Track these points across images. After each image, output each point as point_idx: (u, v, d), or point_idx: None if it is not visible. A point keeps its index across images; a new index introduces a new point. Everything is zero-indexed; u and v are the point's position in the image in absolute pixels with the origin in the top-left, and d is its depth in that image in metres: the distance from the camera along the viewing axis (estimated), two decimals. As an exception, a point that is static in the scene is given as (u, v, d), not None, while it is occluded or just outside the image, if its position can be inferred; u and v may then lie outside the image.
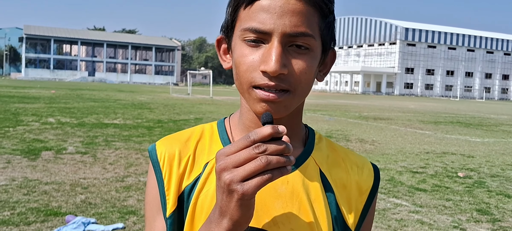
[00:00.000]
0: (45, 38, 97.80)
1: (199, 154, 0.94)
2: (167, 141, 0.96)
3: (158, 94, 40.31)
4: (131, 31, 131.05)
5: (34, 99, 24.24)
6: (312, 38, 0.81)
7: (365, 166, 0.99)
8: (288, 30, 0.79)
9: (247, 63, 0.81)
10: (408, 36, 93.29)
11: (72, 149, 9.25)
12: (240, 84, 0.84)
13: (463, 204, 6.42)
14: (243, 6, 0.82)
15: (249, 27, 0.80)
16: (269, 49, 0.79)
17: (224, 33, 0.90)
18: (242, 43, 0.82)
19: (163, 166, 0.93)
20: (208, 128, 0.98)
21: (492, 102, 68.21)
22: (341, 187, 0.95)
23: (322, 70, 0.91)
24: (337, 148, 1.00)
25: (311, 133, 0.99)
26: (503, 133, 17.43)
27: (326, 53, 0.88)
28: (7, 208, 5.24)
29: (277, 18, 0.79)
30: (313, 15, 0.81)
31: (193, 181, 0.91)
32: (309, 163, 0.93)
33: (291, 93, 0.82)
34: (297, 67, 0.81)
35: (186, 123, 15.21)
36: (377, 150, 11.04)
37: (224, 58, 0.93)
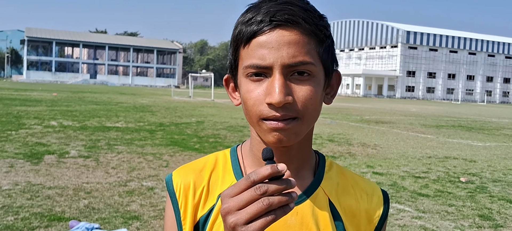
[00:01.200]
0: (47, 40, 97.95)
1: (213, 184, 0.96)
2: (183, 171, 0.99)
3: (160, 97, 40.34)
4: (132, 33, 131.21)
5: (36, 102, 24.28)
6: (312, 65, 0.84)
7: (375, 193, 1.01)
8: (287, 61, 0.82)
9: (253, 98, 0.85)
10: (409, 39, 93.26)
11: (74, 152, 9.27)
12: (250, 118, 0.88)
13: (465, 209, 6.42)
14: (242, 45, 0.86)
15: (250, 64, 0.84)
16: (272, 82, 0.82)
17: (230, 72, 0.94)
18: (246, 79, 0.86)
19: (179, 197, 0.96)
20: (221, 157, 1.01)
21: (493, 106, 68.14)
22: (351, 215, 0.96)
23: (329, 93, 0.94)
24: (347, 175, 1.02)
25: (321, 160, 1.01)
26: (505, 137, 17.42)
27: (329, 76, 0.91)
28: (11, 213, 5.25)
29: (275, 52, 0.82)
30: (309, 43, 0.84)
31: (207, 211, 0.94)
32: (319, 193, 0.95)
33: (299, 120, 0.84)
34: (301, 94, 0.83)
35: (188, 126, 15.23)
36: (379, 154, 11.04)
37: (233, 95, 0.96)
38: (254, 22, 0.84)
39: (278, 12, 0.83)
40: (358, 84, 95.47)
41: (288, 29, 0.83)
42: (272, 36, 0.83)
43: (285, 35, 0.83)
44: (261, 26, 0.83)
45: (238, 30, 0.87)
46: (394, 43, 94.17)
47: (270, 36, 0.83)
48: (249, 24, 0.85)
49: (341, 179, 1.00)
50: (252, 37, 0.84)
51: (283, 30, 0.83)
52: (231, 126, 16.24)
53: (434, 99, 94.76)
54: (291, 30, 0.83)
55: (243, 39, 0.85)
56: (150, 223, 5.17)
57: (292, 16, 0.83)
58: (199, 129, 14.78)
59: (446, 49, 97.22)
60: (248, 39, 0.84)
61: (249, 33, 0.84)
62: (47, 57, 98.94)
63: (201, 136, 12.94)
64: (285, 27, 0.83)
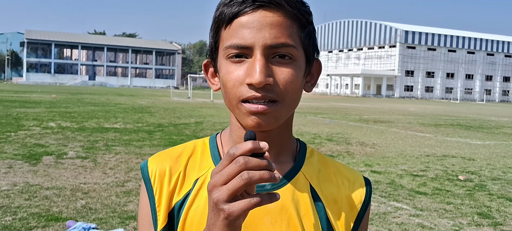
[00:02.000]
0: (46, 42, 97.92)
1: (190, 170, 0.95)
2: (159, 157, 0.98)
3: (159, 98, 40.32)
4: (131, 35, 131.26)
5: (35, 104, 24.27)
6: (294, 48, 0.83)
7: (357, 181, 0.99)
8: (269, 42, 0.81)
9: (233, 79, 0.83)
10: (408, 39, 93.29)
11: (72, 153, 9.26)
12: (229, 101, 0.86)
13: (464, 207, 6.42)
14: (224, 26, 0.85)
15: (230, 44, 0.83)
16: (252, 63, 0.81)
17: (209, 56, 0.93)
18: (227, 61, 0.85)
19: (154, 183, 0.94)
20: (200, 144, 0.99)
21: (492, 105, 68.16)
22: (332, 202, 0.95)
23: (309, 81, 0.93)
24: (329, 162, 1.00)
25: (302, 147, 1.00)
26: (504, 135, 17.42)
27: (310, 63, 0.90)
28: (9, 213, 5.25)
29: (257, 32, 0.81)
30: (291, 26, 0.84)
31: (183, 197, 0.93)
32: (299, 178, 0.94)
33: (279, 103, 0.83)
34: (283, 76, 0.82)
35: (186, 127, 15.22)
36: (377, 153, 11.04)
37: (212, 81, 0.95)
38: (236, 3, 0.83)
39: None
40: (357, 84, 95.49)
41: (271, 11, 0.82)
42: (255, 17, 0.82)
43: (268, 16, 0.82)
44: (243, 6, 0.82)
45: (220, 11, 0.86)
46: (392, 43, 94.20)
47: (252, 16, 0.82)
48: (231, 4, 0.84)
49: (323, 166, 0.99)
50: (234, 17, 0.83)
51: (266, 11, 0.82)
52: (230, 126, 16.22)
53: (433, 98, 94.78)
54: (274, 11, 0.82)
55: (224, 19, 0.84)
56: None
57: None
58: (198, 129, 14.77)
59: (445, 48, 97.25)
60: (230, 19, 0.83)
61: (231, 13, 0.83)
62: (47, 59, 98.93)
63: (200, 137, 12.90)
64: (268, 9, 0.82)
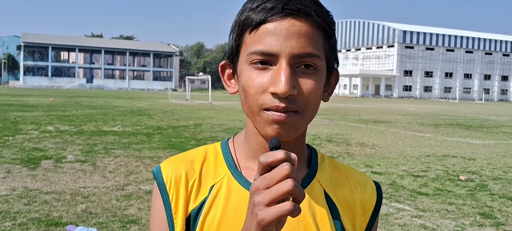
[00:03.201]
0: (43, 45, 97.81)
1: (205, 176, 0.93)
2: (173, 162, 0.95)
3: (157, 100, 40.27)
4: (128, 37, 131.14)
5: (32, 108, 24.20)
6: (319, 59, 0.83)
7: (368, 184, 1.00)
8: (296, 51, 0.80)
9: (255, 86, 0.82)
10: (406, 38, 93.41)
11: (71, 157, 9.21)
12: (249, 107, 0.84)
13: (466, 208, 6.39)
14: (249, 31, 0.83)
15: (256, 50, 0.81)
16: (278, 71, 0.80)
17: (228, 59, 0.90)
18: (249, 66, 0.83)
19: (170, 189, 0.92)
20: (211, 149, 0.98)
21: (491, 104, 68.27)
22: (346, 206, 0.96)
23: (326, 91, 0.92)
24: (340, 167, 1.01)
25: (313, 153, 1.00)
26: (504, 134, 17.42)
27: (330, 73, 0.90)
28: (8, 218, 5.20)
29: (284, 40, 0.80)
30: (317, 37, 0.83)
31: (199, 204, 0.91)
32: (314, 185, 0.94)
33: (300, 114, 0.82)
34: (306, 87, 0.82)
35: (185, 129, 15.18)
36: (377, 154, 11.02)
37: (228, 83, 0.93)
38: (264, 8, 0.81)
39: (290, 1, 0.81)
40: (355, 85, 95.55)
41: (299, 19, 0.81)
42: (283, 25, 0.80)
43: (296, 25, 0.81)
44: (271, 13, 0.81)
45: (245, 15, 0.84)
46: (390, 43, 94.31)
47: (280, 24, 0.80)
48: (258, 10, 0.82)
49: (334, 171, 0.99)
50: (261, 23, 0.81)
51: (295, 19, 0.81)
52: (229, 128, 16.20)
53: (432, 98, 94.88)
54: (303, 21, 0.81)
55: (250, 24, 0.82)
56: (148, 227, 5.12)
57: (305, 6, 0.81)
58: (197, 131, 14.73)
59: (443, 48, 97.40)
60: (257, 24, 0.82)
61: (259, 19, 0.81)
62: (44, 63, 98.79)
63: (199, 139, 12.89)
64: (297, 17, 0.81)
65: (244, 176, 0.92)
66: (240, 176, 0.92)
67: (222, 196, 0.90)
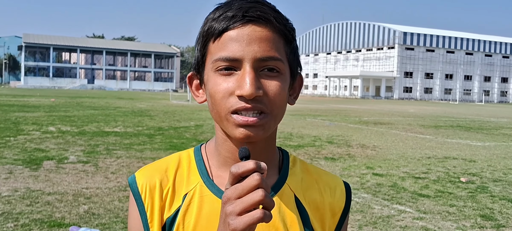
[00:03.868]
0: (44, 46, 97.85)
1: (178, 184, 0.95)
2: (147, 171, 0.97)
3: (158, 101, 40.30)
4: (130, 38, 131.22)
5: (34, 108, 24.23)
6: (281, 62, 0.86)
7: (338, 187, 1.02)
8: (259, 55, 0.84)
9: (222, 91, 0.85)
10: (406, 40, 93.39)
11: (73, 158, 9.24)
12: (217, 112, 0.87)
13: (466, 209, 6.41)
14: (212, 40, 0.87)
15: (220, 57, 0.85)
16: (242, 75, 0.83)
17: (195, 69, 0.94)
18: (215, 73, 0.86)
19: (145, 198, 0.94)
20: (185, 157, 1.00)
21: (491, 105, 68.26)
22: (315, 209, 0.98)
23: (292, 94, 0.96)
24: (311, 170, 1.03)
25: (285, 157, 1.02)
26: (504, 136, 17.43)
27: (294, 78, 0.94)
28: (11, 219, 5.22)
29: (246, 46, 0.84)
30: (279, 41, 0.87)
31: (173, 212, 0.93)
32: (285, 190, 0.96)
33: (268, 115, 0.85)
34: (271, 89, 0.85)
35: (187, 130, 15.20)
36: (378, 156, 11.04)
37: (197, 93, 0.96)
38: (226, 17, 0.85)
39: (250, 9, 0.85)
40: (355, 86, 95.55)
41: (260, 25, 0.85)
42: (244, 31, 0.84)
43: (257, 31, 0.85)
44: (233, 21, 0.85)
45: (208, 25, 0.88)
46: (391, 44, 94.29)
47: (242, 30, 0.84)
48: (220, 19, 0.86)
49: (305, 174, 1.01)
50: (224, 31, 0.85)
51: (255, 25, 0.85)
52: (230, 129, 16.20)
53: (432, 99, 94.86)
54: (263, 26, 0.85)
55: (213, 33, 0.86)
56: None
57: (264, 13, 0.85)
58: (198, 132, 14.75)
59: (443, 49, 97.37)
60: (219, 33, 0.85)
61: (221, 27, 0.85)
62: (45, 63, 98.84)
63: (200, 140, 12.91)
64: (257, 23, 0.85)
65: (216, 184, 0.94)
66: (212, 184, 0.94)
67: (195, 204, 0.92)
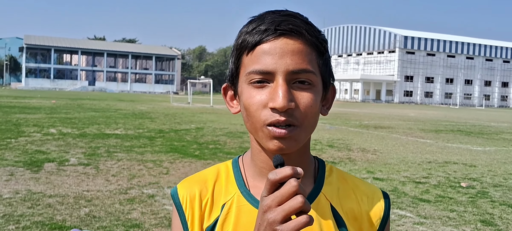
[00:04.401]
0: (46, 48, 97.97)
1: (217, 195, 0.99)
2: (187, 183, 1.02)
3: (159, 103, 40.32)
4: (131, 40, 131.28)
5: (35, 110, 24.25)
6: (313, 74, 0.88)
7: (375, 196, 1.02)
8: (291, 68, 0.86)
9: (255, 103, 0.87)
10: (407, 44, 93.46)
11: (74, 160, 9.25)
12: (251, 124, 0.90)
13: (467, 215, 6.41)
14: (246, 53, 0.89)
15: (253, 70, 0.87)
16: (275, 88, 0.86)
17: (229, 81, 0.97)
18: (249, 86, 0.89)
19: (186, 209, 0.98)
20: (223, 168, 1.03)
21: (491, 110, 68.23)
22: (353, 219, 0.98)
23: (324, 105, 0.97)
24: (347, 179, 1.04)
25: (321, 166, 1.03)
26: (504, 141, 17.43)
27: (327, 88, 0.95)
28: (12, 221, 5.23)
29: (279, 59, 0.86)
30: (311, 54, 0.88)
31: (213, 222, 0.97)
32: (320, 199, 0.98)
33: (298, 127, 0.87)
34: (303, 101, 0.87)
35: (187, 133, 15.21)
36: (379, 160, 11.04)
37: (231, 104, 0.99)
38: (259, 31, 0.88)
39: (282, 22, 0.87)
40: (356, 90, 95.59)
41: (292, 38, 0.87)
42: (277, 44, 0.86)
43: (289, 44, 0.87)
44: (265, 34, 0.87)
45: (242, 39, 0.90)
46: (391, 48, 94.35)
47: (274, 44, 0.86)
48: (253, 33, 0.88)
49: (342, 184, 1.02)
50: (257, 44, 0.88)
51: (287, 38, 0.87)
52: (230, 132, 16.23)
53: (432, 104, 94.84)
54: (295, 39, 0.87)
55: (247, 46, 0.89)
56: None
57: (296, 26, 0.87)
58: (199, 135, 14.76)
59: (444, 54, 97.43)
60: (253, 46, 0.88)
61: (254, 41, 0.88)
62: (46, 65, 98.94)
63: (200, 142, 12.92)
64: (289, 36, 0.87)
65: (253, 195, 0.96)
66: (249, 194, 0.97)
67: (233, 214, 0.95)
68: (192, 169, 8.89)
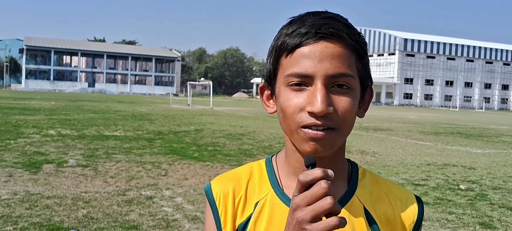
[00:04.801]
0: (46, 49, 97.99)
1: (250, 193, 1.00)
2: (221, 180, 1.03)
3: (158, 105, 40.32)
4: (131, 42, 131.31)
5: (34, 111, 24.25)
6: (352, 78, 0.88)
7: (409, 200, 1.03)
8: (330, 72, 0.85)
9: (293, 106, 0.87)
10: (407, 46, 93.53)
11: (73, 161, 9.24)
12: (287, 126, 0.90)
13: (465, 217, 6.40)
14: (285, 55, 0.89)
15: (292, 72, 0.87)
16: (313, 91, 0.86)
17: (266, 81, 0.97)
18: (287, 88, 0.89)
19: (220, 205, 1.00)
20: (256, 167, 1.04)
21: (491, 113, 68.25)
22: (386, 222, 0.99)
23: (361, 107, 0.98)
24: (381, 182, 1.04)
25: (354, 169, 1.03)
26: (504, 143, 17.43)
27: (364, 91, 0.96)
28: (10, 222, 5.23)
29: (318, 62, 0.85)
30: (350, 57, 0.88)
31: (245, 219, 0.98)
32: (354, 201, 0.98)
33: (336, 131, 0.87)
34: (341, 105, 0.87)
35: (186, 134, 15.21)
36: (378, 162, 11.04)
37: (267, 104, 0.99)
38: (299, 33, 0.87)
39: (323, 25, 0.86)
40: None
41: (332, 42, 0.86)
42: (317, 48, 0.86)
43: (329, 47, 0.86)
44: (306, 37, 0.86)
45: (282, 40, 0.90)
46: (391, 51, 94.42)
47: (314, 47, 0.86)
48: (293, 35, 0.88)
49: (375, 187, 1.02)
50: (296, 47, 0.87)
51: (328, 42, 0.86)
52: (230, 133, 16.23)
53: (432, 106, 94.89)
54: (335, 43, 0.87)
55: (286, 48, 0.89)
56: (149, 233, 5.15)
57: (337, 30, 0.86)
58: (198, 137, 14.76)
59: (444, 56, 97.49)
60: (292, 49, 0.88)
61: (294, 43, 0.87)
62: (46, 66, 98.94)
63: (200, 144, 12.92)
64: (330, 40, 0.86)
65: (286, 194, 0.97)
66: (282, 193, 0.98)
67: (266, 212, 0.96)
68: (191, 170, 8.89)
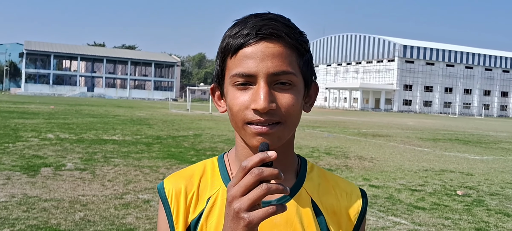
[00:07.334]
0: (45, 53, 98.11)
1: (202, 189, 1.03)
2: (173, 178, 1.06)
3: (157, 110, 40.33)
4: (130, 47, 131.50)
5: (33, 115, 24.26)
6: (293, 75, 0.92)
7: (354, 192, 1.08)
8: (272, 70, 0.89)
9: (239, 104, 0.92)
10: (406, 53, 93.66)
11: (71, 165, 9.25)
12: (235, 123, 0.94)
13: (462, 222, 6.42)
14: (230, 56, 0.93)
15: (237, 73, 0.91)
16: (257, 90, 0.90)
17: (216, 82, 1.01)
18: (233, 87, 0.93)
19: (172, 202, 1.02)
20: (209, 164, 1.07)
21: (491, 120, 68.28)
22: (332, 213, 1.03)
23: (307, 102, 1.01)
24: (328, 176, 1.09)
25: (303, 163, 1.08)
26: (502, 150, 17.44)
27: (308, 87, 0.99)
28: (7, 225, 5.23)
29: (260, 62, 0.89)
30: (291, 55, 0.92)
31: (198, 215, 1.01)
32: (301, 193, 1.02)
33: (282, 124, 0.91)
34: (284, 101, 0.91)
35: (185, 139, 15.22)
36: (375, 167, 11.05)
37: (219, 103, 1.03)
38: (241, 35, 0.91)
39: (263, 26, 0.90)
40: (355, 98, 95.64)
41: (272, 42, 0.91)
42: (258, 48, 0.90)
43: (270, 47, 0.90)
44: (247, 38, 0.91)
45: (226, 42, 0.94)
46: (391, 57, 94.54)
47: (255, 47, 0.90)
48: (236, 37, 0.92)
49: (322, 180, 1.07)
50: (239, 48, 0.91)
51: (268, 42, 0.90)
52: (228, 138, 16.24)
53: (431, 113, 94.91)
54: (275, 43, 0.91)
55: (230, 50, 0.93)
56: (146, 236, 5.15)
57: (276, 30, 0.91)
58: (197, 142, 14.77)
59: (443, 63, 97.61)
60: (235, 50, 0.92)
61: (236, 44, 0.91)
62: (45, 70, 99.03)
63: (198, 149, 12.93)
64: (270, 40, 0.91)
65: None
66: None
67: (218, 207, 0.99)
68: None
